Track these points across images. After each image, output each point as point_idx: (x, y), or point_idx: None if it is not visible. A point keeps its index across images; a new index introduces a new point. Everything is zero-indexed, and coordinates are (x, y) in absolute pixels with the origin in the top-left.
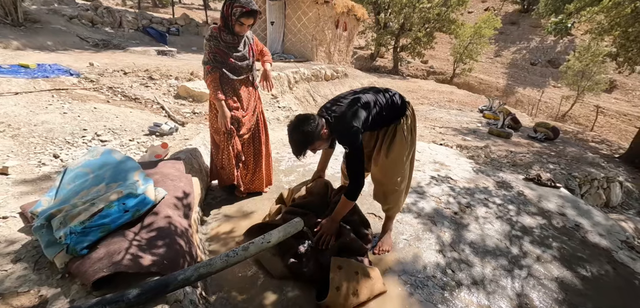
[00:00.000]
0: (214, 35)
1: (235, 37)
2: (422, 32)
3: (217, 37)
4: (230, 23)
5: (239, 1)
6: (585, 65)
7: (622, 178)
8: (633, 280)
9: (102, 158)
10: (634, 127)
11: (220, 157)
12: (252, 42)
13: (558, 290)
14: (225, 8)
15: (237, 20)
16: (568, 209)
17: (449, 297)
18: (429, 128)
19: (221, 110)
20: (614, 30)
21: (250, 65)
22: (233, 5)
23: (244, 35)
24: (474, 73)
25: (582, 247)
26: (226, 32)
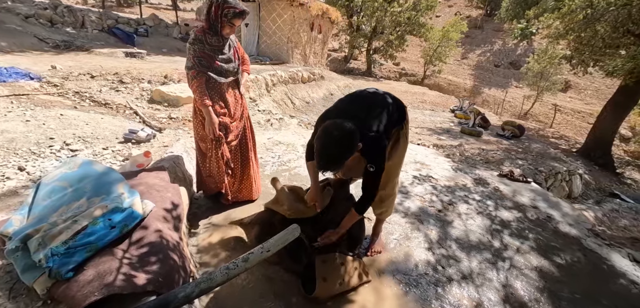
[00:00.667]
0: (198, 38)
1: (221, 39)
2: (394, 35)
3: (202, 39)
4: (218, 24)
5: (229, 2)
6: (543, 67)
7: (581, 171)
8: (601, 264)
9: (81, 170)
10: (588, 123)
11: (208, 165)
12: (236, 45)
13: (538, 278)
14: (214, 9)
15: (229, 22)
16: (539, 202)
17: (442, 293)
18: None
19: (208, 117)
20: (569, 35)
21: (236, 68)
22: (223, 6)
23: (229, 38)
24: (443, 74)
25: (555, 237)
26: (211, 34)
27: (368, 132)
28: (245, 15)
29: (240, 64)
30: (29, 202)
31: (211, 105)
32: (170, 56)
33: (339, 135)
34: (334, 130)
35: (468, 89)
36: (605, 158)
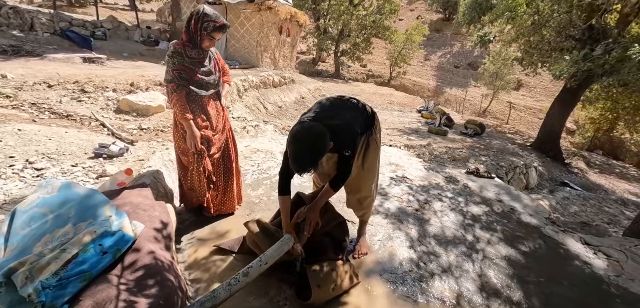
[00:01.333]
0: (178, 51)
1: (201, 52)
2: (360, 38)
3: (182, 53)
4: (198, 38)
5: (209, 16)
6: (498, 68)
7: (536, 164)
8: (559, 249)
9: (62, 195)
10: (539, 118)
11: (189, 179)
12: (216, 57)
13: (508, 266)
14: (194, 23)
15: (209, 35)
16: (503, 196)
17: (426, 288)
18: None
19: (190, 131)
20: (520, 39)
21: (217, 80)
22: (204, 20)
23: (209, 51)
24: (408, 76)
25: (519, 227)
26: (191, 47)
27: (338, 126)
28: (226, 30)
29: (221, 75)
30: (4, 231)
31: (193, 119)
32: (132, 61)
33: (310, 138)
34: (304, 136)
35: (432, 89)
36: (555, 150)
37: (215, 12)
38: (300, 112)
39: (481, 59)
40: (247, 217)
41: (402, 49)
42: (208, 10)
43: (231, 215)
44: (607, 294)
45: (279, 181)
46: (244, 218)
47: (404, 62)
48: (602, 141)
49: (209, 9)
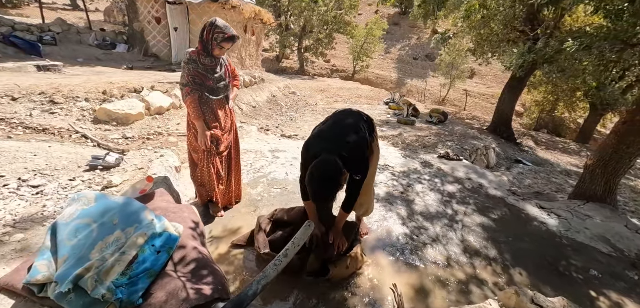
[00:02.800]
0: (193, 59)
1: (213, 60)
2: (322, 33)
3: (196, 60)
4: (210, 47)
5: (219, 27)
6: (453, 59)
7: (494, 145)
8: (521, 214)
9: (101, 205)
10: (491, 104)
11: (199, 175)
12: (227, 64)
13: (482, 231)
14: (206, 33)
15: (219, 45)
16: (472, 174)
17: (422, 255)
18: None
19: (201, 129)
20: (472, 32)
21: (227, 85)
22: (214, 31)
23: (221, 58)
24: (371, 69)
25: (487, 200)
26: (205, 55)
27: (348, 149)
28: (235, 41)
29: (231, 80)
30: (48, 245)
31: (204, 119)
32: (90, 67)
33: (327, 174)
34: (322, 172)
35: (394, 81)
36: (508, 132)
37: (225, 23)
38: (274, 110)
39: (437, 51)
40: (252, 213)
41: (364, 43)
42: (219, 22)
43: (229, 208)
44: (560, 245)
45: (301, 188)
46: (250, 215)
47: (366, 56)
48: (546, 121)
49: (220, 21)
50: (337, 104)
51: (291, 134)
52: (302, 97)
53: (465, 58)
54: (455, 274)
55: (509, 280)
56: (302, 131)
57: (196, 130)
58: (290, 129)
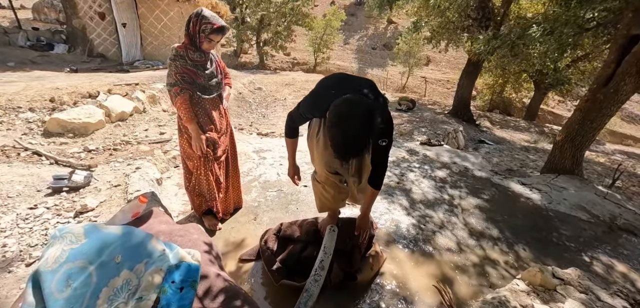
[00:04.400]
0: (180, 54)
1: (203, 55)
2: (281, 26)
3: (184, 55)
4: (197, 40)
5: (206, 18)
6: (410, 47)
7: (461, 128)
8: (507, 192)
9: (94, 240)
10: (447, 88)
11: (195, 184)
12: (217, 60)
13: (480, 212)
14: (192, 25)
15: (207, 37)
16: (455, 158)
17: (434, 244)
18: None
19: (195, 133)
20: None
21: (219, 82)
22: (201, 22)
23: (210, 53)
24: (332, 61)
25: (475, 181)
26: (193, 50)
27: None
28: (225, 32)
29: (223, 77)
30: (31, 302)
31: (197, 122)
32: (26, 71)
33: (361, 111)
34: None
35: (355, 71)
36: (467, 115)
37: (212, 13)
38: (243, 108)
39: (394, 40)
40: (253, 222)
41: (323, 35)
42: (206, 12)
43: (226, 219)
44: (547, 217)
45: (287, 125)
46: (250, 224)
47: (326, 48)
48: (497, 102)
49: (207, 10)
50: None
51: (267, 132)
52: (268, 93)
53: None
54: (469, 258)
55: (516, 256)
56: (278, 128)
57: (189, 134)
58: (265, 127)
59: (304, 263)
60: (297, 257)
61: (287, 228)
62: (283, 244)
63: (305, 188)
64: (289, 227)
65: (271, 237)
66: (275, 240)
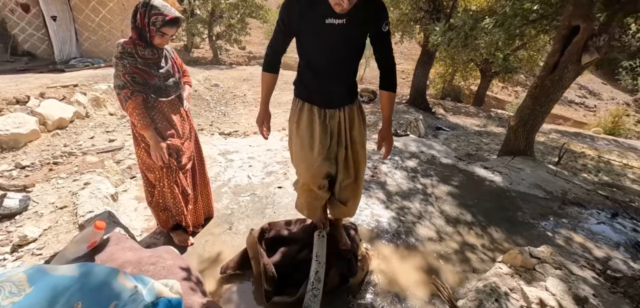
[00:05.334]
0: (127, 50)
1: (155, 51)
2: (234, 18)
3: (132, 52)
4: (147, 35)
5: (157, 8)
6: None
7: (421, 116)
8: (473, 177)
9: (41, 289)
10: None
11: (159, 198)
12: (173, 56)
13: (452, 199)
14: (139, 17)
15: (158, 31)
16: (422, 147)
17: (416, 235)
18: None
19: (153, 141)
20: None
21: (177, 82)
22: (150, 13)
23: (164, 48)
24: (289, 54)
25: (443, 168)
26: (143, 45)
27: None
28: (179, 24)
29: (181, 76)
30: None
31: (155, 128)
32: None
33: None
34: None
35: None
36: (424, 103)
37: (163, 2)
38: (201, 106)
39: None
40: (228, 232)
41: None
42: (155, 1)
43: (197, 231)
44: (511, 197)
45: (267, 56)
46: (225, 234)
47: None
48: (448, 90)
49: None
50: None
51: (230, 131)
52: (227, 89)
53: None
54: (450, 245)
55: (491, 239)
56: (241, 126)
57: (147, 142)
58: (227, 126)
59: (300, 267)
60: (292, 259)
61: (274, 230)
62: (273, 246)
63: (280, 190)
64: (276, 227)
65: (254, 241)
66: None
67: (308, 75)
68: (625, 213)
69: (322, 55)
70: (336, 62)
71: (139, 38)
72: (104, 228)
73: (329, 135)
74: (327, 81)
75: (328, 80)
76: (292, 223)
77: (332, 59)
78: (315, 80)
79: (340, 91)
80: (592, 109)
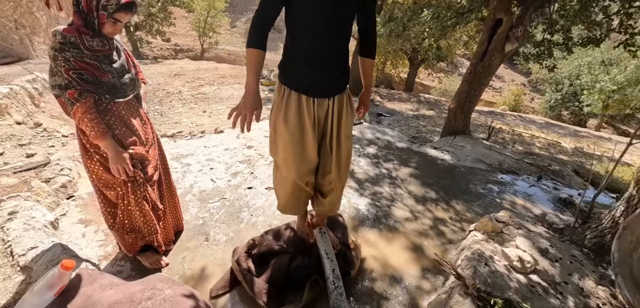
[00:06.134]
0: (70, 41)
1: (105, 42)
2: (154, 6)
3: (77, 43)
4: (95, 21)
5: None
6: None
7: None
8: (427, 157)
9: None
10: None
11: (124, 219)
12: (125, 48)
13: (415, 180)
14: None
15: (111, 17)
16: (377, 133)
17: (393, 215)
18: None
19: (113, 152)
20: None
21: (134, 79)
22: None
23: (114, 39)
24: (221, 45)
25: (401, 152)
26: (90, 34)
27: None
28: (135, 9)
29: (137, 72)
30: None
31: (112, 135)
32: None
33: None
34: None
35: None
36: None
37: None
38: None
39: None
40: (206, 243)
41: (207, 17)
42: None
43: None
44: (461, 172)
45: (251, 32)
46: (204, 247)
47: (212, 32)
48: (381, 78)
49: None
50: (204, 88)
51: (173, 133)
52: (157, 86)
53: None
54: (425, 222)
55: (455, 211)
56: (184, 127)
57: (102, 154)
58: (168, 127)
59: (295, 275)
60: (286, 270)
61: (262, 242)
62: (263, 261)
63: (250, 191)
64: (263, 239)
65: (243, 256)
66: (248, 258)
67: (302, 50)
68: (546, 176)
69: (324, 13)
70: (337, 24)
71: (84, 25)
72: (73, 268)
73: (316, 125)
74: (321, 58)
75: (323, 57)
76: (279, 231)
77: (335, 19)
78: (308, 59)
79: (336, 71)
80: (498, 90)
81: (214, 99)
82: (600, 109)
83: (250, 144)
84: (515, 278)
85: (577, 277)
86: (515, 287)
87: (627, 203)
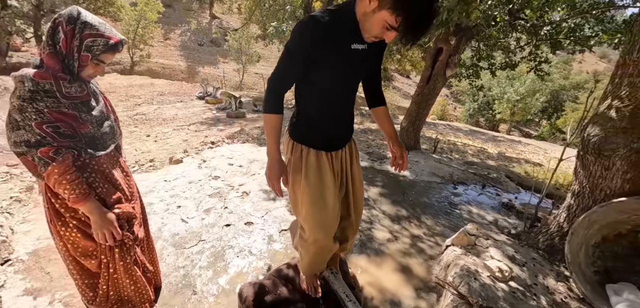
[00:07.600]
0: (44, 88)
1: (83, 86)
2: None
3: (53, 91)
4: (74, 64)
5: (94, 27)
6: (240, 45)
7: None
8: (389, 174)
9: None
10: None
11: (108, 291)
12: (100, 89)
13: (386, 199)
14: (63, 38)
15: (96, 58)
16: None
17: (376, 238)
18: (180, 129)
19: (98, 215)
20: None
21: (113, 126)
22: (83, 33)
23: (91, 81)
24: (154, 58)
25: (366, 171)
26: (68, 79)
27: None
28: (121, 48)
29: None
30: None
31: (95, 195)
32: None
33: None
34: None
35: (184, 70)
36: None
37: (98, 19)
38: None
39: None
40: (195, 297)
41: (137, 28)
42: (88, 17)
43: None
44: (421, 187)
45: (269, 96)
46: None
47: (143, 44)
48: None
49: (89, 14)
50: (141, 107)
51: None
52: None
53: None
54: (404, 241)
55: (427, 227)
56: (127, 154)
57: (79, 219)
58: None
59: None
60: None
61: (270, 290)
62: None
63: (229, 228)
64: (272, 286)
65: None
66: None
67: (321, 109)
68: (488, 183)
69: (341, 83)
70: (351, 91)
71: (62, 68)
72: None
73: (336, 178)
74: (339, 114)
75: (341, 113)
76: (288, 274)
77: (350, 87)
78: (327, 117)
79: (348, 124)
80: None
81: (157, 120)
82: (508, 116)
83: (215, 174)
84: (500, 288)
85: (541, 277)
86: (503, 296)
87: (568, 211)
